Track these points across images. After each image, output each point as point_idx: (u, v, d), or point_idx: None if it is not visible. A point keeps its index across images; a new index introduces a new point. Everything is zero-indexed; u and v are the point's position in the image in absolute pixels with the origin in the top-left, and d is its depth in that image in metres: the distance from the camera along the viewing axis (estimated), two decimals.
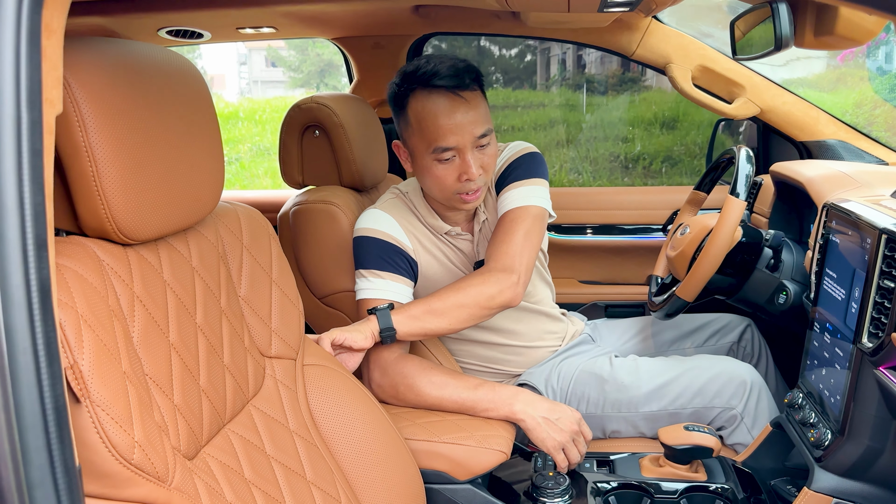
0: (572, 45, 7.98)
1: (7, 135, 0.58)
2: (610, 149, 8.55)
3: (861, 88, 5.31)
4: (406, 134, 1.48)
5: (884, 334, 1.12)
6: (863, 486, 1.23)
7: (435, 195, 1.51)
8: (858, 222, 1.24)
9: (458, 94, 1.40)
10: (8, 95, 0.58)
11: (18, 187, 0.58)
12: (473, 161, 1.42)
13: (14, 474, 0.57)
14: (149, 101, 0.87)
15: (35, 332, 0.58)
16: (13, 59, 0.58)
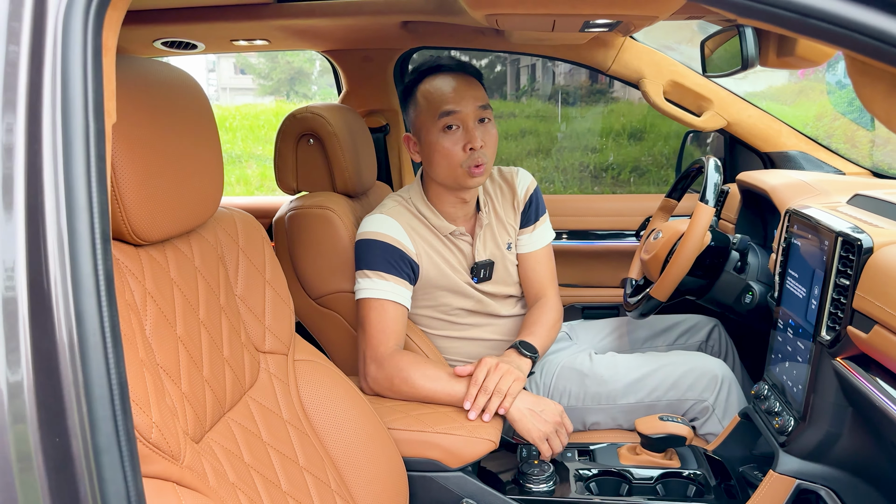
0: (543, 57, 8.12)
1: (78, 142, 0.65)
2: (580, 159, 8.71)
3: (821, 102, 5.52)
4: (415, 117, 1.61)
5: (840, 328, 1.23)
6: (823, 468, 1.34)
7: (442, 174, 1.60)
8: (818, 227, 1.36)
9: (461, 73, 1.58)
10: (78, 108, 0.66)
11: (87, 188, 0.65)
12: (477, 132, 1.55)
13: (82, 441, 0.64)
14: (157, 115, 0.95)
15: (103, 317, 0.65)
16: (81, 75, 0.66)
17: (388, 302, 1.55)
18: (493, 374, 1.44)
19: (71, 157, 0.65)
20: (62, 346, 0.63)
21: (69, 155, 0.65)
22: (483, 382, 1.44)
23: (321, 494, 1.17)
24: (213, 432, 1.02)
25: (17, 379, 0.62)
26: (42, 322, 0.63)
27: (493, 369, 1.45)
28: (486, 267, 1.69)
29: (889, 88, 0.66)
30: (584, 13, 1.25)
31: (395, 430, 1.41)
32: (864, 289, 1.17)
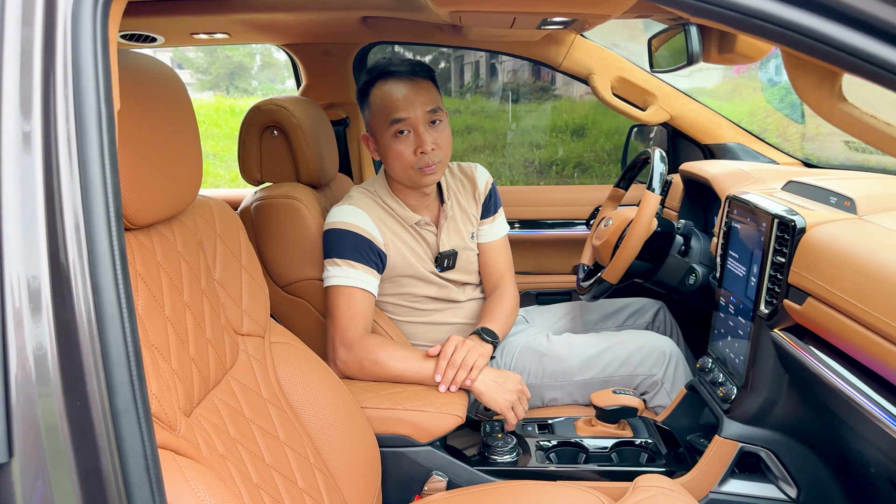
0: (485, 53, 8.20)
1: (93, 127, 0.70)
2: (525, 154, 8.85)
3: (753, 99, 5.76)
4: (370, 119, 1.67)
5: (777, 302, 1.35)
6: (763, 431, 1.47)
7: (397, 174, 1.67)
8: (756, 210, 1.48)
9: (411, 77, 1.62)
10: (91, 95, 0.70)
11: (102, 170, 0.70)
12: (427, 136, 1.62)
13: (100, 405, 0.69)
14: (142, 105, 0.99)
15: (118, 288, 0.70)
16: (93, 65, 0.71)
17: (357, 289, 1.61)
18: (460, 350, 1.53)
19: (85, 142, 0.69)
20: (80, 317, 0.68)
21: (83, 139, 0.69)
22: (451, 357, 1.52)
23: (301, 468, 1.23)
24: (200, 408, 1.07)
25: (42, 349, 0.66)
26: (62, 295, 0.67)
27: (460, 345, 1.53)
28: (449, 256, 1.76)
29: (819, 80, 0.76)
30: (542, 11, 1.34)
31: (366, 408, 1.47)
32: (799, 265, 1.29)
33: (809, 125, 3.54)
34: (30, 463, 0.65)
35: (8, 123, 0.67)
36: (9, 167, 0.66)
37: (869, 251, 1.14)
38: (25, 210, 0.66)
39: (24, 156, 0.67)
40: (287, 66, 11.72)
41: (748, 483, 1.48)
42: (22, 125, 0.67)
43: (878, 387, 1.09)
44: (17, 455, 0.65)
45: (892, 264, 1.07)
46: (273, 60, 17.81)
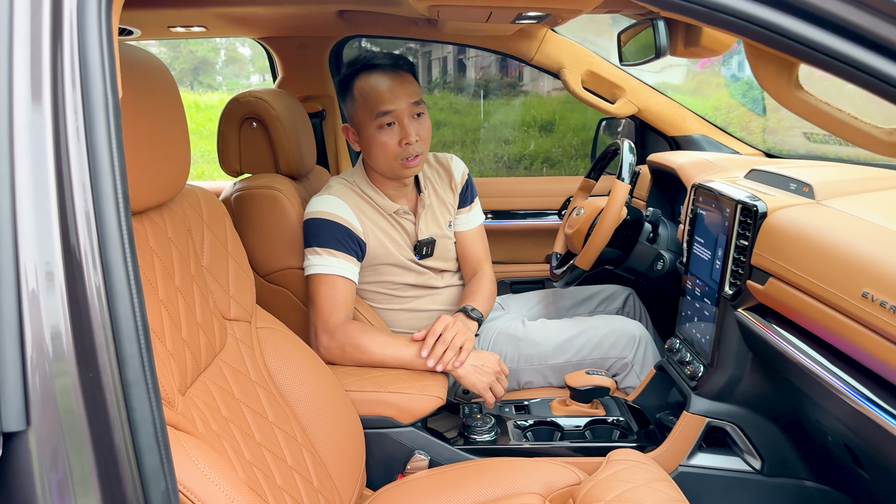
0: (453, 49, 8.18)
1: (100, 114, 0.73)
2: (494, 150, 8.93)
3: (717, 95, 5.91)
4: (353, 111, 1.70)
5: (741, 283, 1.43)
6: (729, 406, 1.54)
7: (380, 165, 1.71)
8: (720, 197, 1.55)
9: (395, 70, 1.67)
10: (98, 83, 0.74)
11: (110, 154, 0.74)
12: (411, 128, 1.66)
13: (111, 376, 0.73)
14: (135, 96, 1.03)
15: (128, 266, 0.74)
16: (99, 55, 0.74)
17: (338, 277, 1.65)
18: (450, 329, 1.59)
19: (93, 128, 0.73)
20: (91, 295, 0.72)
21: (91, 126, 0.73)
22: (441, 334, 1.57)
23: (290, 447, 1.27)
24: (193, 389, 1.11)
25: (56, 325, 0.69)
26: (74, 275, 0.71)
27: (450, 325, 1.59)
28: (428, 244, 1.82)
29: (778, 69, 0.82)
30: (518, 6, 1.39)
31: (350, 391, 1.51)
32: (761, 247, 1.36)
33: (771, 119, 3.67)
34: (46, 431, 0.69)
35: (20, 112, 0.70)
36: (21, 154, 0.69)
37: (826, 233, 1.22)
38: (38, 195, 0.69)
39: (35, 143, 0.70)
40: (252, 60, 11.62)
41: (715, 456, 1.56)
42: (32, 113, 0.70)
43: (836, 359, 1.16)
44: (34, 424, 0.69)
45: (846, 244, 1.15)
46: (238, 55, 17.60)
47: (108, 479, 0.71)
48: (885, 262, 1.05)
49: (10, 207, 0.68)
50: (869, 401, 1.05)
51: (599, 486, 1.31)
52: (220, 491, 0.91)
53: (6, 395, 0.67)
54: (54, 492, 0.69)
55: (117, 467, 0.72)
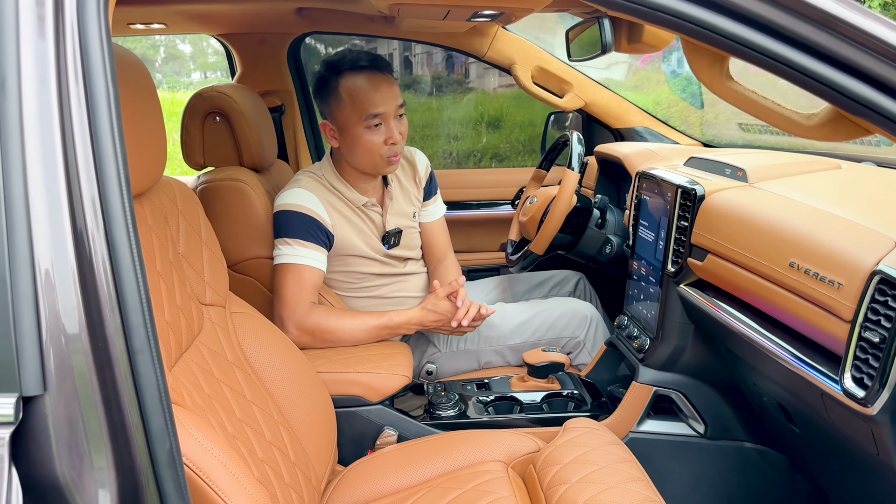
0: (398, 46, 8.21)
1: (102, 104, 0.80)
2: (443, 146, 9.01)
3: (656, 92, 6.13)
4: (337, 110, 1.76)
5: (682, 260, 1.55)
6: (674, 375, 1.67)
7: (363, 162, 1.78)
8: (662, 183, 1.68)
9: (381, 72, 1.75)
10: (100, 76, 0.80)
11: (113, 142, 0.80)
12: (395, 128, 1.75)
13: (118, 344, 0.79)
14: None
15: (131, 244, 0.80)
16: (100, 49, 0.80)
17: (306, 266, 1.71)
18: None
19: (96, 117, 0.79)
20: (99, 270, 0.78)
21: (95, 115, 0.79)
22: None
23: (267, 423, 1.34)
24: (176, 368, 1.16)
25: (68, 299, 0.75)
26: (82, 251, 0.77)
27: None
28: (395, 235, 1.90)
29: (711, 62, 0.93)
30: (474, 4, 1.48)
31: (321, 372, 1.59)
32: (700, 227, 1.49)
33: (709, 112, 3.86)
34: (61, 396, 0.75)
35: (28, 105, 0.75)
36: (31, 144, 0.75)
37: (757, 211, 1.35)
38: (48, 181, 0.75)
39: (44, 134, 0.75)
40: (192, 58, 11.36)
41: (662, 422, 1.68)
42: (40, 106, 0.76)
43: (769, 325, 1.29)
44: (49, 389, 0.74)
45: (775, 221, 1.27)
46: (178, 52, 17.25)
47: (117, 440, 0.78)
48: (809, 235, 1.17)
49: (23, 193, 0.74)
50: (799, 360, 1.17)
51: (557, 451, 1.42)
52: (213, 457, 0.98)
53: (25, 363, 0.73)
54: (70, 451, 0.75)
55: (126, 429, 0.79)
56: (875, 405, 0.98)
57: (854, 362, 1.03)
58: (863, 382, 1.01)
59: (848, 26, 0.82)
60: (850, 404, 1.03)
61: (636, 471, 1.32)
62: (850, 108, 0.87)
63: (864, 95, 0.86)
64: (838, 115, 0.91)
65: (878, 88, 0.85)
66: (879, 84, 0.85)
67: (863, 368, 1.01)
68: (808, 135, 0.94)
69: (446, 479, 1.40)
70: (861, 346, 1.01)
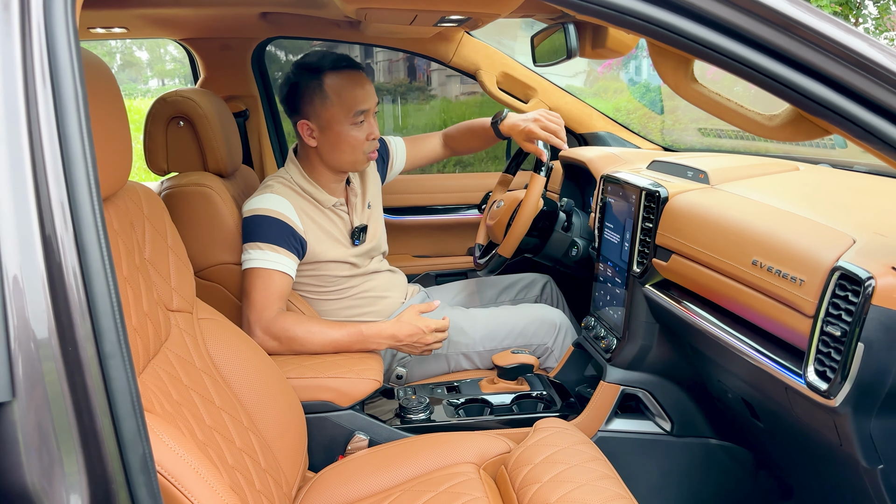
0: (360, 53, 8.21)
1: (71, 107, 0.78)
2: None
3: (616, 100, 6.24)
4: (322, 109, 1.77)
5: (647, 261, 1.58)
6: (640, 374, 1.70)
7: (344, 159, 1.82)
8: (626, 186, 1.71)
9: (360, 71, 1.80)
10: (69, 78, 0.79)
11: (82, 144, 0.79)
12: (374, 123, 1.82)
13: (90, 347, 0.78)
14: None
15: (102, 247, 0.79)
16: (68, 51, 0.79)
17: (276, 271, 1.70)
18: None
19: (65, 120, 0.78)
20: (69, 274, 0.76)
21: (63, 118, 0.77)
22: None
23: (237, 430, 1.32)
24: (144, 375, 1.15)
25: (37, 303, 0.74)
26: (51, 255, 0.75)
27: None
28: (362, 230, 1.91)
29: (676, 65, 0.96)
30: (441, 9, 1.49)
31: (291, 378, 1.57)
32: (664, 228, 1.52)
33: (668, 119, 3.93)
34: (31, 402, 0.73)
35: None
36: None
37: (719, 212, 1.38)
38: (16, 187, 0.74)
39: (11, 138, 0.74)
40: (150, 65, 11.25)
41: (630, 421, 1.71)
42: (6, 110, 0.74)
43: (732, 322, 1.32)
44: (18, 395, 0.73)
45: (737, 221, 1.31)
46: (134, 59, 16.96)
47: (89, 446, 0.76)
48: (770, 234, 1.21)
49: None
50: (763, 355, 1.20)
51: (528, 451, 1.43)
52: (185, 463, 0.97)
53: None
54: (40, 458, 0.74)
55: (97, 434, 0.77)
56: (837, 397, 1.01)
57: (817, 356, 1.06)
58: (825, 375, 1.04)
59: (807, 30, 0.85)
60: (814, 397, 1.06)
61: (606, 469, 1.34)
62: (810, 108, 0.90)
63: (824, 97, 0.89)
64: (799, 116, 0.94)
65: (837, 90, 0.88)
66: (838, 86, 0.88)
67: (825, 362, 1.04)
68: (771, 135, 0.97)
69: (418, 483, 1.40)
70: (823, 341, 1.05)
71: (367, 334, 1.73)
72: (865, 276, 0.98)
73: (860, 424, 1.04)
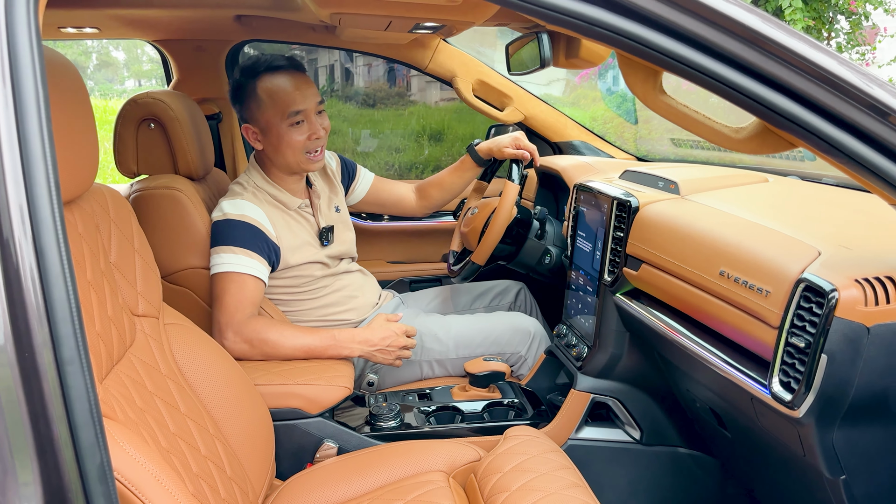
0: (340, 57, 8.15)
1: (31, 107, 0.77)
2: (385, 158, 9.01)
3: (592, 109, 6.29)
4: (258, 112, 1.77)
5: (618, 270, 1.59)
6: (610, 383, 1.70)
7: (288, 161, 1.80)
8: (598, 195, 1.72)
9: (297, 71, 1.77)
10: (29, 79, 0.77)
11: (42, 146, 0.77)
12: (317, 123, 1.79)
13: (48, 354, 0.76)
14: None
15: (61, 251, 0.77)
16: (29, 51, 0.78)
17: (248, 276, 1.69)
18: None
19: (25, 121, 0.76)
20: (26, 278, 0.75)
21: (23, 119, 0.76)
22: None
23: (203, 437, 1.30)
24: (107, 380, 1.13)
25: None
26: (8, 260, 0.74)
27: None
28: (329, 231, 1.90)
29: (645, 76, 0.96)
30: (416, 16, 1.49)
31: (259, 385, 1.55)
32: (634, 237, 1.53)
33: (642, 129, 3.97)
34: None
35: None
36: None
37: (689, 222, 1.39)
38: None
39: None
40: (126, 65, 11.16)
41: (600, 429, 1.71)
42: None
43: (700, 332, 1.33)
44: None
45: (706, 231, 1.32)
46: (111, 59, 16.78)
47: (45, 454, 0.75)
48: (738, 245, 1.22)
49: None
50: (730, 365, 1.21)
51: (498, 459, 1.43)
52: (145, 471, 0.95)
53: None
54: None
55: (54, 443, 0.75)
56: (801, 408, 1.02)
57: (781, 367, 1.07)
58: (790, 386, 1.05)
59: (775, 45, 0.86)
60: (778, 408, 1.07)
61: (575, 477, 1.34)
62: (776, 122, 0.91)
63: (789, 110, 0.90)
64: (765, 129, 0.95)
65: (802, 104, 0.89)
66: (803, 100, 0.89)
67: (790, 373, 1.05)
68: (737, 147, 0.98)
69: (387, 491, 1.39)
70: (788, 352, 1.06)
71: (339, 339, 1.72)
72: (829, 288, 0.99)
73: (823, 435, 1.05)
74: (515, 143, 2.01)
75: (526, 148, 2.00)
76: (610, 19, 0.86)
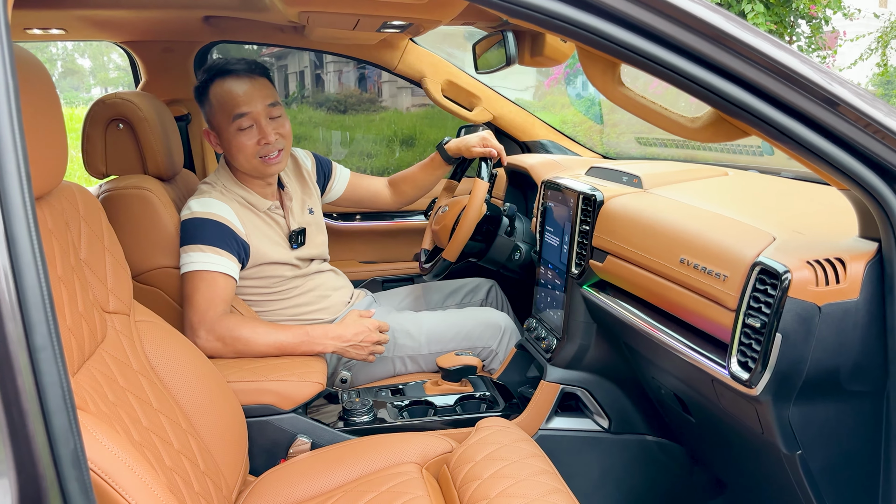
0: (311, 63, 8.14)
1: (2, 101, 0.78)
2: (357, 163, 9.00)
3: (561, 114, 6.38)
4: (211, 116, 1.79)
5: (584, 263, 1.63)
6: (579, 373, 1.74)
7: (242, 165, 1.80)
8: (565, 191, 1.75)
9: (249, 75, 1.77)
10: (0, 73, 0.78)
11: (13, 138, 0.78)
12: (269, 128, 1.77)
13: (20, 340, 0.77)
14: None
15: (33, 241, 0.78)
16: (3, 48, 0.79)
17: (219, 274, 1.69)
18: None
19: None
20: None
21: None
22: None
23: (175, 432, 1.31)
24: (79, 375, 1.13)
25: None
26: None
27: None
28: (300, 233, 1.91)
29: (604, 68, 1.00)
30: (383, 14, 1.52)
31: (232, 381, 1.56)
32: (600, 230, 1.57)
33: (610, 131, 4.04)
34: None
35: None
36: None
37: (651, 214, 1.43)
38: None
39: None
40: (93, 72, 11.06)
41: (569, 419, 1.75)
42: None
43: (663, 320, 1.37)
44: None
45: (667, 222, 1.36)
46: (77, 67, 16.53)
47: (17, 440, 0.76)
48: (697, 234, 1.26)
49: None
50: (691, 349, 1.25)
51: (470, 449, 1.45)
52: (119, 461, 0.96)
53: None
54: None
55: (26, 428, 0.76)
56: (758, 386, 1.06)
57: (739, 347, 1.11)
58: (747, 366, 1.09)
59: (728, 37, 0.90)
60: (737, 387, 1.11)
61: (545, 464, 1.37)
62: (729, 111, 0.95)
63: (742, 99, 0.94)
64: (719, 118, 0.99)
65: (753, 93, 0.94)
66: (754, 89, 0.93)
67: (747, 353, 1.10)
68: (693, 136, 1.02)
69: (360, 483, 1.40)
70: (745, 332, 1.10)
71: (313, 335, 1.73)
72: (783, 269, 1.03)
73: (780, 412, 1.09)
74: (483, 142, 2.04)
75: (493, 146, 2.03)
76: (569, 12, 0.90)
